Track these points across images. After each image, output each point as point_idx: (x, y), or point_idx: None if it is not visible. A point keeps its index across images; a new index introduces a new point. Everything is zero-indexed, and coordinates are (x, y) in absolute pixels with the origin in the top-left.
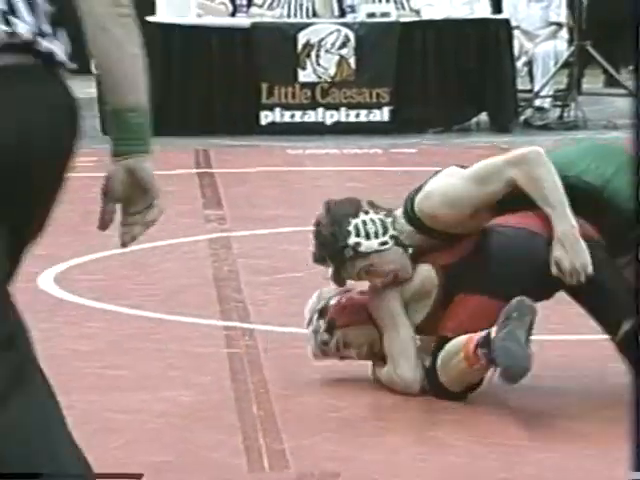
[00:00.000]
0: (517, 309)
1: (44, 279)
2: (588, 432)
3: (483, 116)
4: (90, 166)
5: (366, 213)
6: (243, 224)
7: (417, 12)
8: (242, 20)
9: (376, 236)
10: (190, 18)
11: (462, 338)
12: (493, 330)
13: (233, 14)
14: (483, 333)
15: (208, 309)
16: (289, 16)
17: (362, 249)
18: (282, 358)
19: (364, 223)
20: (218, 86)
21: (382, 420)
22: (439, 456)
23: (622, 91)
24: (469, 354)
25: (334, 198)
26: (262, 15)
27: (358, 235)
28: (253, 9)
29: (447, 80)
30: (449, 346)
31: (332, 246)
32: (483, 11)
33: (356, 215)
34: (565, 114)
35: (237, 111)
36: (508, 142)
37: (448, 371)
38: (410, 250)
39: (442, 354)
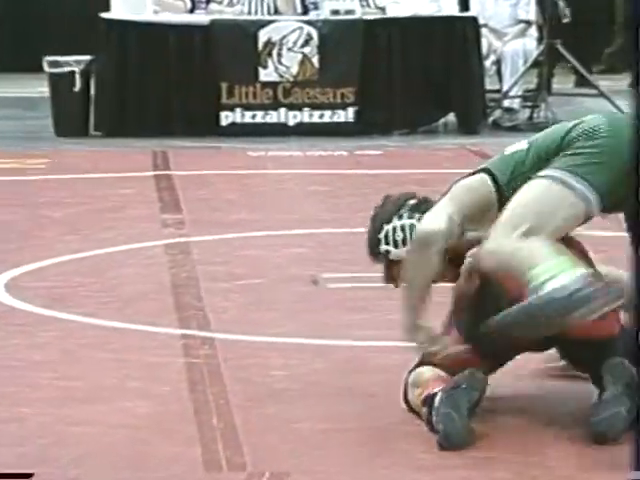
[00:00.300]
0: (468, 381)
1: None
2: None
3: (451, 117)
4: (42, 168)
5: (400, 218)
6: (203, 229)
7: (382, 9)
8: (201, 17)
9: (404, 244)
10: (146, 15)
11: (428, 373)
12: (438, 395)
13: (191, 11)
14: (431, 391)
15: (166, 317)
16: (250, 13)
17: (392, 257)
18: (243, 368)
19: (394, 230)
20: (176, 86)
21: (344, 432)
22: (402, 467)
23: (593, 91)
24: (421, 398)
25: (393, 193)
26: (222, 12)
27: (387, 243)
28: (212, 6)
29: (413, 80)
30: (417, 373)
31: (371, 250)
32: (450, 9)
33: (389, 221)
34: (535, 115)
35: (196, 111)
36: (476, 144)
37: (411, 396)
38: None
39: (413, 375)
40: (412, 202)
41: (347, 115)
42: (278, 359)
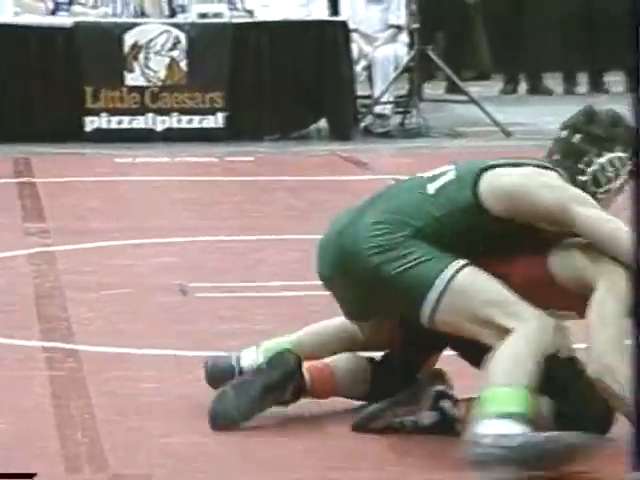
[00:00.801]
0: (271, 361)
1: None
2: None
3: (322, 123)
4: None
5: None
6: (68, 237)
7: (251, 13)
8: (63, 19)
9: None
10: (6, 16)
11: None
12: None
13: (54, 12)
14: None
15: (28, 329)
16: (115, 15)
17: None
18: (109, 381)
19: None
20: (38, 90)
21: (215, 445)
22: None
23: (464, 98)
24: None
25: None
26: (85, 14)
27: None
28: (76, 7)
29: (284, 85)
30: None
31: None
32: (320, 13)
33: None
34: (406, 121)
35: (60, 116)
36: (349, 150)
37: None
38: None
39: None
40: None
41: (216, 120)
42: (146, 371)
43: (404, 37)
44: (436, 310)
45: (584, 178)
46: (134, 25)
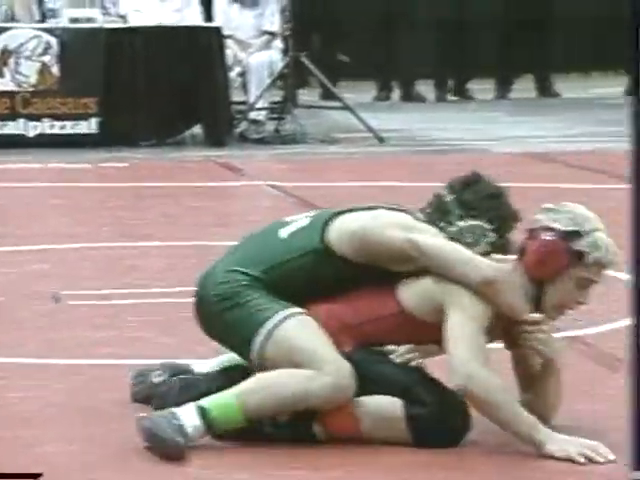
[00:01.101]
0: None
1: None
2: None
3: (198, 128)
4: None
5: None
6: None
7: (124, 18)
8: None
9: None
10: None
11: None
12: None
13: None
14: None
15: None
16: None
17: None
18: None
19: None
20: None
21: (89, 453)
22: None
23: (339, 104)
24: None
25: None
26: None
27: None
28: None
29: (158, 91)
30: None
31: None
32: (193, 19)
33: None
34: (281, 127)
35: None
36: (224, 156)
37: None
38: None
39: None
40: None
41: (90, 126)
42: (17, 380)
43: (278, 43)
44: (262, 354)
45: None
46: (4, 30)
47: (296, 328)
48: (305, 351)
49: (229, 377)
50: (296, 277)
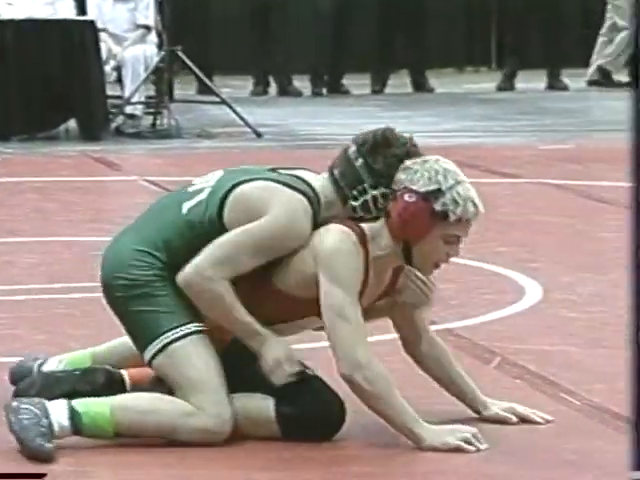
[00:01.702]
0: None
1: None
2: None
3: (72, 123)
4: None
5: None
6: None
7: None
8: None
9: None
10: None
11: None
12: None
13: None
14: None
15: None
16: None
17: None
18: None
19: None
20: None
21: None
22: None
23: (215, 99)
24: None
25: None
26: None
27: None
28: None
29: (31, 85)
30: None
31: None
32: (66, 12)
33: None
34: (158, 122)
35: None
36: (99, 151)
37: None
38: None
39: None
40: None
41: None
42: None
43: (153, 37)
44: (152, 361)
45: (355, 203)
46: None
47: (191, 351)
48: (192, 381)
49: (92, 379)
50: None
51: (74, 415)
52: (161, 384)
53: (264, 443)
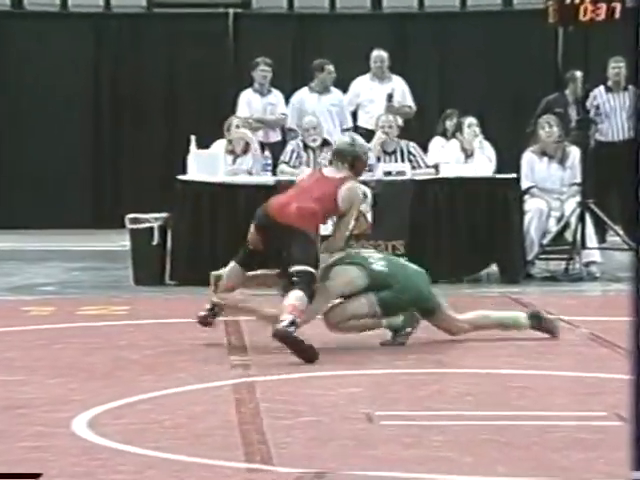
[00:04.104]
0: None
1: (78, 424)
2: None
3: (494, 268)
4: (122, 314)
5: None
6: (266, 369)
7: (435, 168)
8: (267, 178)
9: None
10: (218, 177)
11: None
12: None
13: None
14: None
15: (232, 452)
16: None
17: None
18: None
19: None
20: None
21: None
22: None
23: (623, 246)
24: None
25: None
26: (292, 173)
27: None
28: (282, 166)
29: (460, 233)
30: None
31: None
32: (485, 170)
33: None
34: (570, 266)
35: None
36: (517, 292)
37: None
38: None
39: None
40: None
41: None
42: None
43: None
44: None
45: None
46: None
47: None
48: None
49: None
50: None
51: None
52: None
53: None
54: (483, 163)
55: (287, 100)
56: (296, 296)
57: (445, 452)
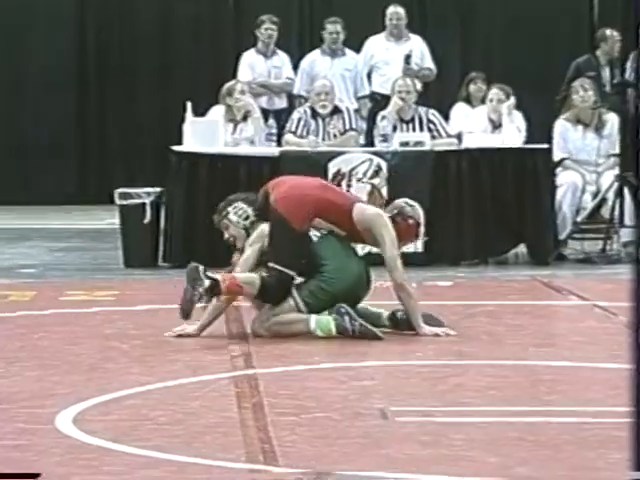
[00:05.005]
0: None
1: (62, 420)
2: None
3: (522, 248)
4: (110, 300)
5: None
6: (269, 361)
7: (458, 138)
8: (271, 149)
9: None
10: (217, 147)
11: None
12: None
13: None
14: None
15: (233, 451)
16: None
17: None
18: None
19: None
20: None
21: None
22: None
23: None
24: None
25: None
26: (298, 144)
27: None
28: (287, 136)
29: (485, 211)
30: None
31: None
32: (513, 140)
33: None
34: (607, 247)
35: None
36: (548, 275)
37: None
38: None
39: None
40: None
41: (415, 245)
42: None
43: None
44: None
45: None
46: (337, 154)
47: None
48: None
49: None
50: None
51: None
52: None
53: None
54: (512, 133)
55: (294, 64)
56: (249, 276)
57: (466, 452)
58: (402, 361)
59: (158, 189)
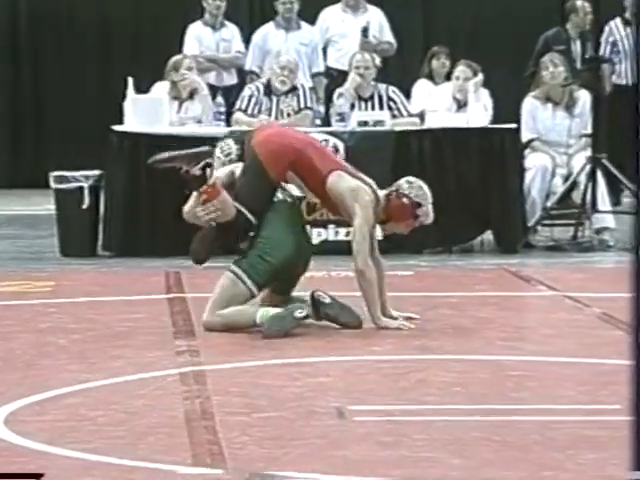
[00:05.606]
0: None
1: None
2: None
3: (488, 235)
4: (46, 292)
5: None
6: (218, 357)
7: (420, 116)
8: (218, 129)
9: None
10: (161, 127)
11: None
12: None
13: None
14: None
15: (178, 454)
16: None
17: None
18: None
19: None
20: None
21: None
22: None
23: None
24: None
25: None
26: (249, 123)
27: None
28: (237, 115)
29: (446, 195)
30: None
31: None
32: (479, 119)
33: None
34: (579, 234)
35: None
36: (516, 264)
37: None
38: None
39: None
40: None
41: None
42: None
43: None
44: None
45: None
46: None
47: None
48: None
49: None
50: None
51: None
52: None
53: None
54: (478, 113)
55: (244, 37)
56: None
57: (428, 453)
58: (360, 356)
59: (97, 172)
